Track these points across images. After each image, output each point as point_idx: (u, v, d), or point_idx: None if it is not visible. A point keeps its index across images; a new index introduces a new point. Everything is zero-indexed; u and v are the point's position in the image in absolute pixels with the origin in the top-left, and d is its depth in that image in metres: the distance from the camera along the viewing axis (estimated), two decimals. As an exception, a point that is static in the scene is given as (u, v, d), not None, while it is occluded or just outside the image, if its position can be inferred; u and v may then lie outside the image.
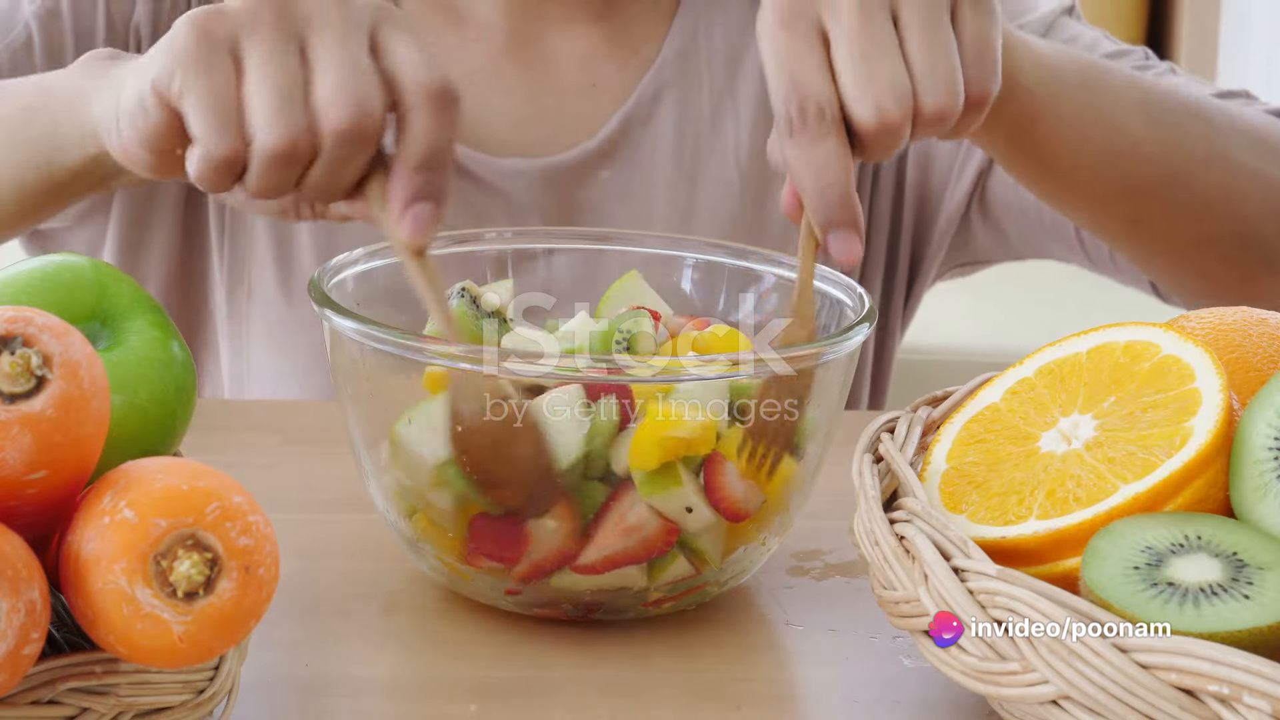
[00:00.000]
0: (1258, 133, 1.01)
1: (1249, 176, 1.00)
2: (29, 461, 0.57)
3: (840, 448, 0.80)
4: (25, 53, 1.07)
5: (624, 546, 0.74)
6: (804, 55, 0.75)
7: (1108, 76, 0.96)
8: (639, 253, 0.89)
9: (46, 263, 0.74)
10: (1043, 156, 0.95)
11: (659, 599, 0.76)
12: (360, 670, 0.73)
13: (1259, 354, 0.76)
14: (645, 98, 1.12)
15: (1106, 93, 0.96)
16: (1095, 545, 0.65)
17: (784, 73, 0.75)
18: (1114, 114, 0.96)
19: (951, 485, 0.72)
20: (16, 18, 1.08)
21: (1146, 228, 1.01)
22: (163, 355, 0.73)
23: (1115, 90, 0.96)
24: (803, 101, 0.75)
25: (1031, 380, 0.75)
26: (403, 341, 0.73)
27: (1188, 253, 1.02)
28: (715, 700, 0.71)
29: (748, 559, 0.78)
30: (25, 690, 0.59)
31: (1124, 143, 0.96)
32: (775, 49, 0.76)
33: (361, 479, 0.79)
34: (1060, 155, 0.95)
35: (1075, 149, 0.95)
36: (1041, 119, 0.91)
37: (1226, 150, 1.00)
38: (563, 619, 0.77)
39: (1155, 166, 0.98)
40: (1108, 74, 0.97)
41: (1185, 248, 1.02)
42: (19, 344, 0.57)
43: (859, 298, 0.81)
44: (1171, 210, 1.00)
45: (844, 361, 0.77)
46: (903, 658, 0.75)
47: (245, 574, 0.58)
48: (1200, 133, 0.99)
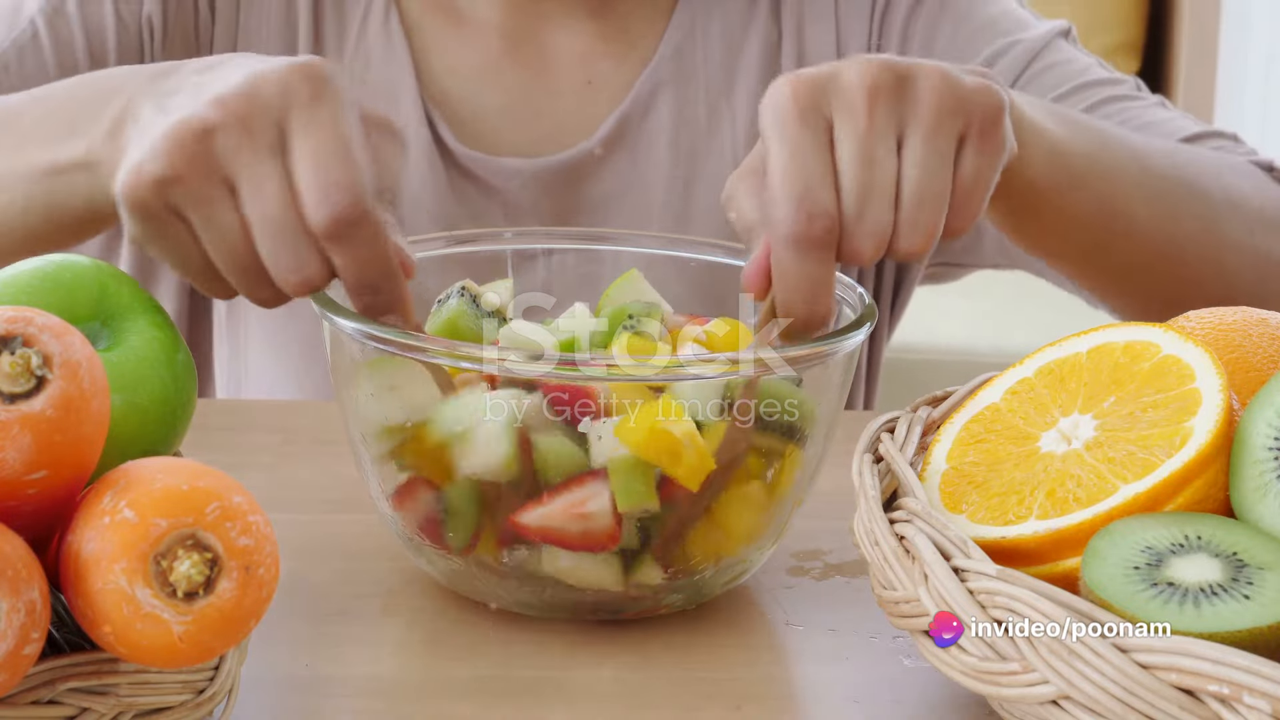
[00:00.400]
0: (1249, 203, 1.01)
1: (1237, 249, 1.00)
2: (29, 461, 0.57)
3: (840, 447, 0.80)
4: (33, 48, 1.07)
5: (564, 528, 0.73)
6: (816, 162, 0.73)
7: (1112, 153, 0.95)
8: (637, 253, 0.89)
9: (47, 262, 0.74)
10: (1036, 236, 0.95)
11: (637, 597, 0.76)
12: (360, 670, 0.73)
13: (1259, 354, 0.76)
14: (642, 95, 1.12)
15: (1109, 175, 0.94)
16: (1095, 545, 0.65)
17: (798, 175, 0.73)
18: (1114, 197, 0.95)
19: (951, 485, 0.72)
20: (21, 14, 1.08)
21: (1131, 292, 1.02)
22: (163, 355, 0.73)
23: (1118, 170, 0.95)
24: (812, 214, 0.73)
25: (1031, 380, 0.75)
26: (403, 341, 0.73)
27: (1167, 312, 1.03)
28: (715, 700, 0.71)
29: (739, 566, 0.78)
30: (25, 690, 0.59)
31: (1120, 224, 0.96)
32: (787, 140, 0.74)
33: (362, 479, 0.79)
34: (1055, 235, 0.95)
35: (1072, 232, 0.95)
36: (1043, 210, 0.91)
37: (1218, 225, 0.99)
38: (562, 619, 0.77)
39: (1148, 243, 0.98)
40: (1112, 150, 0.95)
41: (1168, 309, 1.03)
42: (19, 344, 0.57)
43: (859, 297, 0.81)
44: (1159, 278, 1.00)
45: (844, 361, 0.77)
46: (903, 658, 0.75)
47: (245, 574, 0.58)
48: (1195, 210, 0.98)
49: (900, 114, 0.75)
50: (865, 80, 0.74)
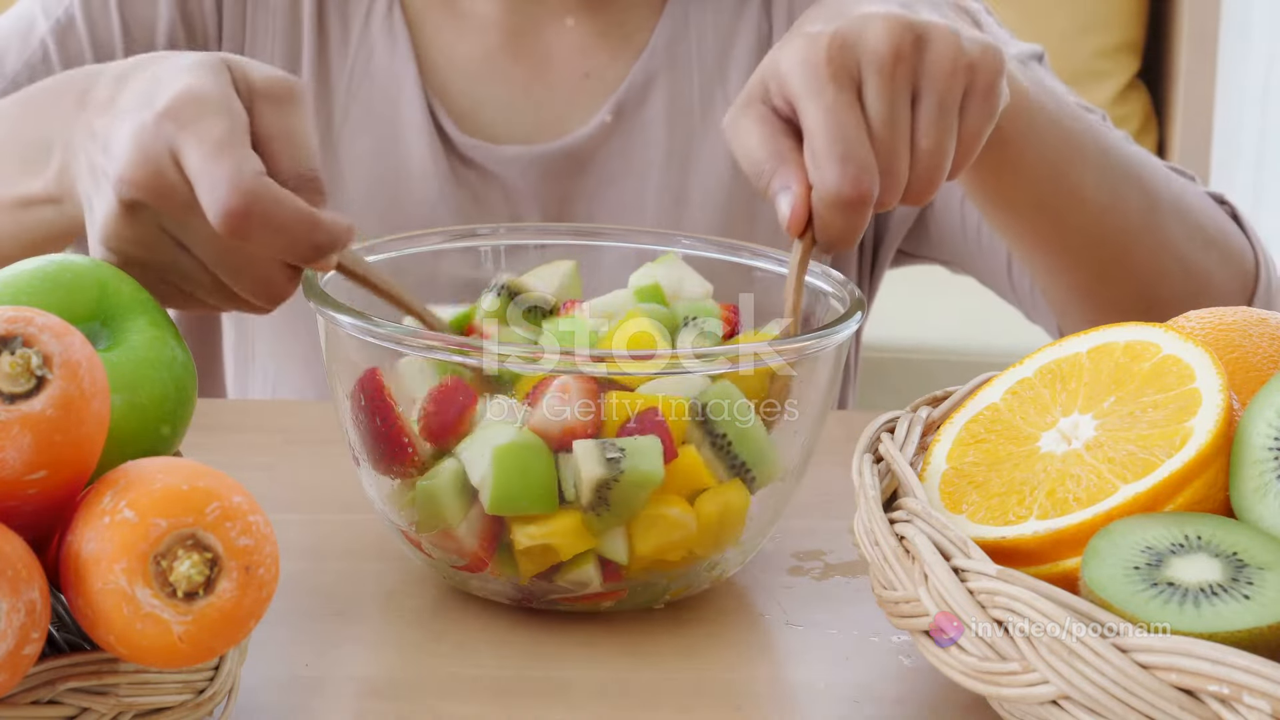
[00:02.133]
0: (1192, 214, 1.06)
1: (1171, 253, 1.05)
2: (29, 461, 0.57)
3: (840, 447, 0.80)
4: (44, 68, 1.11)
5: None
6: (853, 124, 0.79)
7: (1078, 134, 1.00)
8: (631, 248, 0.89)
9: (47, 262, 0.74)
10: (989, 175, 0.98)
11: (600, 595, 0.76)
12: (360, 670, 0.73)
13: (1259, 354, 0.76)
14: (636, 85, 1.14)
15: (1068, 140, 0.99)
16: (1095, 545, 0.65)
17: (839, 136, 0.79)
18: (1068, 161, 1.00)
19: (951, 485, 0.72)
20: (33, 35, 1.11)
21: (1068, 268, 1.05)
22: (163, 355, 0.73)
23: (1075, 138, 1.00)
24: (858, 176, 0.79)
25: (1031, 380, 0.75)
26: (397, 336, 0.73)
27: (1098, 307, 1.06)
28: (715, 700, 0.71)
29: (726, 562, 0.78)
30: (25, 690, 0.59)
31: (1068, 190, 1.00)
32: (825, 101, 0.79)
33: (358, 477, 0.79)
34: (1006, 180, 0.98)
35: (1021, 182, 0.99)
36: (1004, 151, 0.95)
37: (1161, 224, 1.04)
38: (561, 615, 0.77)
39: (1093, 220, 1.02)
40: (1075, 119, 1.00)
41: (1097, 302, 1.06)
42: (19, 344, 0.57)
43: (848, 292, 0.81)
44: (1099, 262, 1.04)
45: (832, 355, 0.77)
46: (903, 658, 0.75)
47: (245, 574, 0.58)
48: (1141, 202, 1.03)
49: (918, 73, 0.81)
50: (891, 42, 0.80)
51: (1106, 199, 1.02)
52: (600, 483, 0.72)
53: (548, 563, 0.74)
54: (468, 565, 0.76)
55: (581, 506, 0.72)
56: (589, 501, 0.72)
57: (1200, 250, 1.06)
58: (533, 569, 0.74)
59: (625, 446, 0.72)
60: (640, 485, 0.72)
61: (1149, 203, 1.04)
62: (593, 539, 0.73)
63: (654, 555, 0.74)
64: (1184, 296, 1.04)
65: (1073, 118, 1.00)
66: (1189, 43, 2.48)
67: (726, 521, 0.75)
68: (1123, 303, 1.05)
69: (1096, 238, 1.03)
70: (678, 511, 0.74)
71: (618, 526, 0.73)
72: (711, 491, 0.75)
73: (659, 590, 0.77)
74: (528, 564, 0.74)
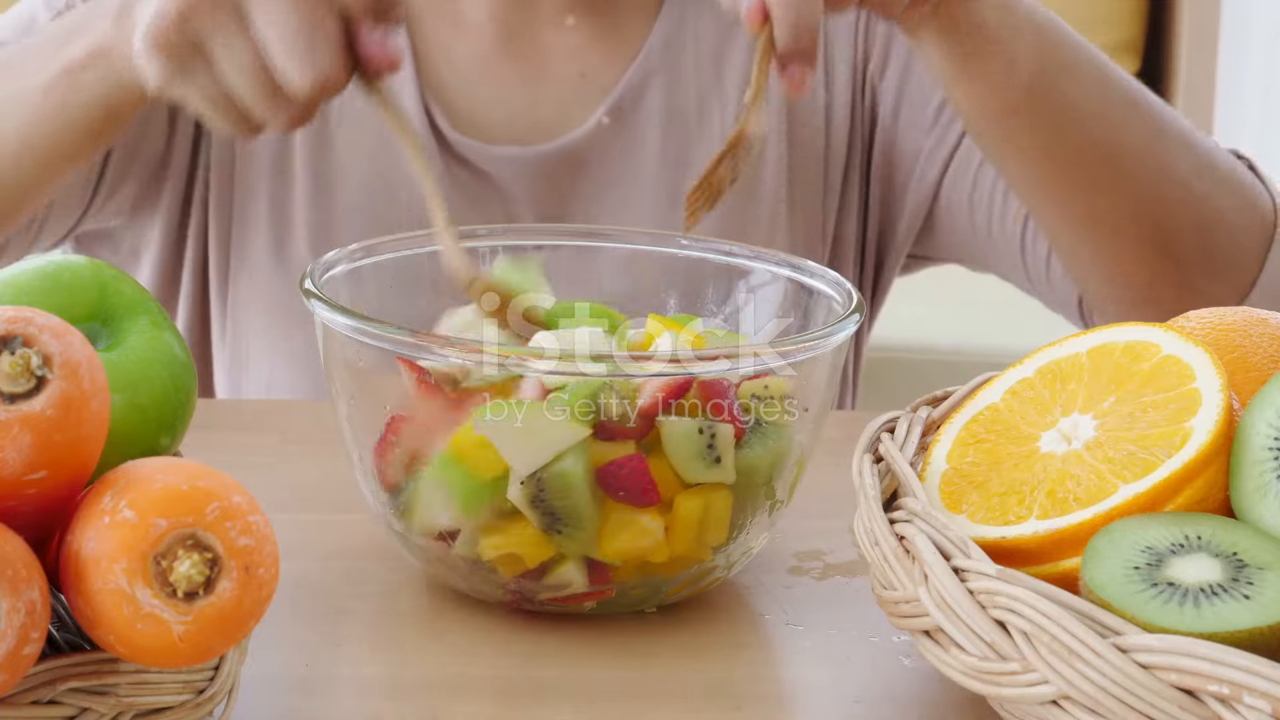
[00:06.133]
0: (1201, 147, 1.05)
1: (1178, 183, 1.03)
2: (29, 461, 0.57)
3: (840, 447, 0.80)
4: None
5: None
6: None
7: (1069, 47, 1.00)
8: (628, 249, 0.89)
9: (46, 262, 0.74)
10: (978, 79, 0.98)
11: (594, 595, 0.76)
12: (360, 670, 0.73)
13: (1259, 354, 0.76)
14: (632, 86, 1.15)
15: (1061, 57, 0.99)
16: (1095, 545, 0.65)
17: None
18: (1060, 72, 0.99)
19: (951, 485, 0.72)
20: (34, 31, 1.10)
21: (1071, 197, 1.03)
22: (163, 355, 0.73)
23: (1074, 62, 1.00)
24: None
25: (1031, 380, 0.75)
26: (395, 337, 0.73)
27: (1106, 239, 1.05)
28: (715, 700, 0.71)
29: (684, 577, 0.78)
30: (25, 690, 0.59)
31: (1063, 105, 1.00)
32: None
33: (356, 476, 0.79)
34: (995, 85, 0.98)
35: (1008, 90, 0.98)
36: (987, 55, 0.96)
37: (1164, 151, 1.03)
38: (561, 616, 0.77)
39: (1094, 141, 1.01)
40: (1068, 44, 1.00)
41: (1104, 232, 1.04)
42: (19, 344, 0.57)
43: (847, 293, 0.81)
44: (1097, 187, 1.02)
45: (831, 355, 0.77)
46: (903, 658, 0.75)
47: (245, 574, 0.58)
48: (1145, 129, 1.02)
49: None
50: None
51: (1108, 117, 1.01)
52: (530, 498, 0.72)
53: (522, 568, 0.74)
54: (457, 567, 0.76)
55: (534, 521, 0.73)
56: (534, 518, 0.73)
57: (1211, 186, 1.04)
58: (511, 572, 0.74)
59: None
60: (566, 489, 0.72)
61: (1153, 128, 1.03)
62: (552, 548, 0.73)
63: (626, 559, 0.74)
64: (1195, 233, 1.03)
65: (1060, 29, 1.00)
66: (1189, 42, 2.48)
67: (709, 524, 0.75)
68: (1131, 232, 1.03)
69: (1098, 160, 1.01)
70: (646, 518, 0.74)
71: (577, 532, 0.73)
72: (689, 493, 0.74)
73: (652, 591, 0.77)
74: (505, 567, 0.74)
